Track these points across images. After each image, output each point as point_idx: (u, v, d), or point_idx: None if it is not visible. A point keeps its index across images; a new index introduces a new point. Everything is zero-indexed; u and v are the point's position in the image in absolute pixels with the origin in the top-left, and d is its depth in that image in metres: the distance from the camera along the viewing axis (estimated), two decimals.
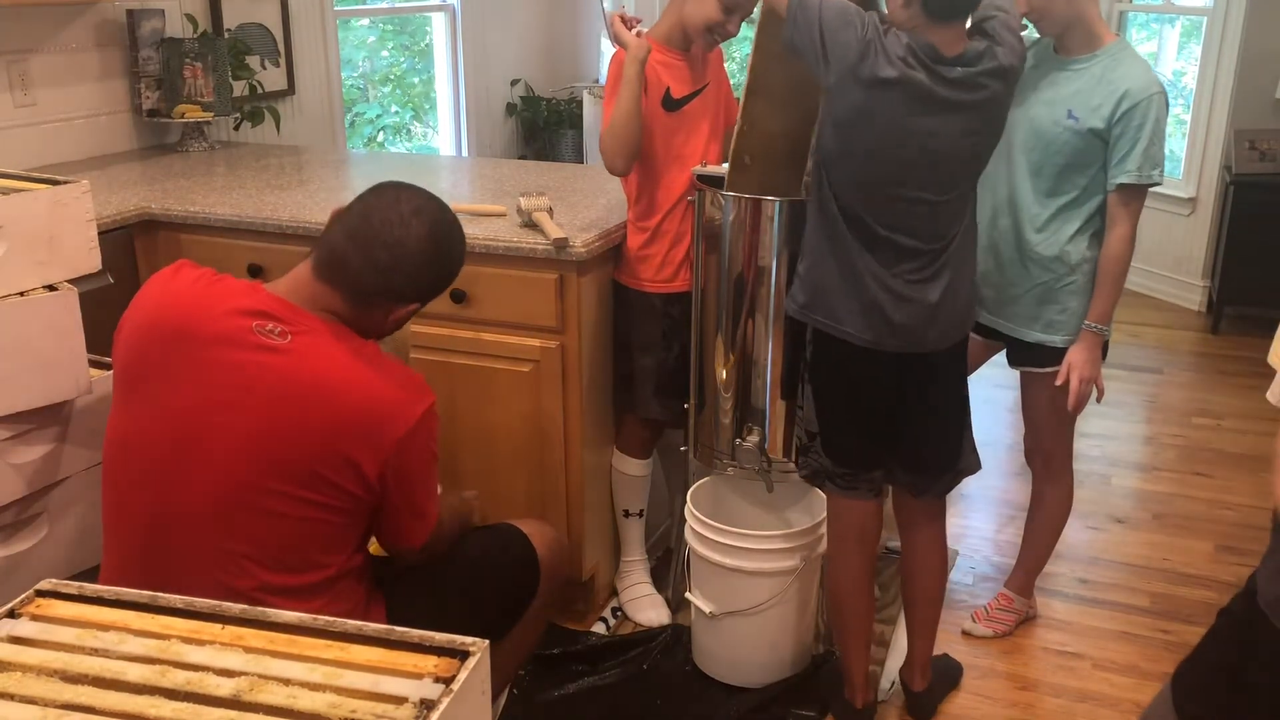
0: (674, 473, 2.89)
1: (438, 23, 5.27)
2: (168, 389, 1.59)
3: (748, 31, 2.61)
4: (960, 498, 3.39)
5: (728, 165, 2.35)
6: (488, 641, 1.06)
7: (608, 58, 2.49)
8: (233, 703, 1.00)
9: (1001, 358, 2.62)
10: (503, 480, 2.59)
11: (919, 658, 2.42)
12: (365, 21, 5.15)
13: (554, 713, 2.45)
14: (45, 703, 1.00)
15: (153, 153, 3.46)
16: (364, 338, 1.69)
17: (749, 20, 2.48)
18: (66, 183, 1.93)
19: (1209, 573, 3.06)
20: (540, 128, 5.79)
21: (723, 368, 2.45)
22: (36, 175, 2.01)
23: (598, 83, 5.80)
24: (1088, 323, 2.39)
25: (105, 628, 1.11)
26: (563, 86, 5.99)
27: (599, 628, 2.74)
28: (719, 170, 2.47)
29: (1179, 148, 5.44)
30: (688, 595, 2.56)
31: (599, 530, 2.74)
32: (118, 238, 2.65)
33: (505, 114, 5.70)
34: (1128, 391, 4.33)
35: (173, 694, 1.01)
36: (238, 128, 3.76)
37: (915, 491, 2.29)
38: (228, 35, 3.71)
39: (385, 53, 5.46)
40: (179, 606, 1.13)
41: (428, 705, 0.99)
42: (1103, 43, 2.35)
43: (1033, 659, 2.68)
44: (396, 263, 1.67)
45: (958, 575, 2.98)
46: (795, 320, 2.23)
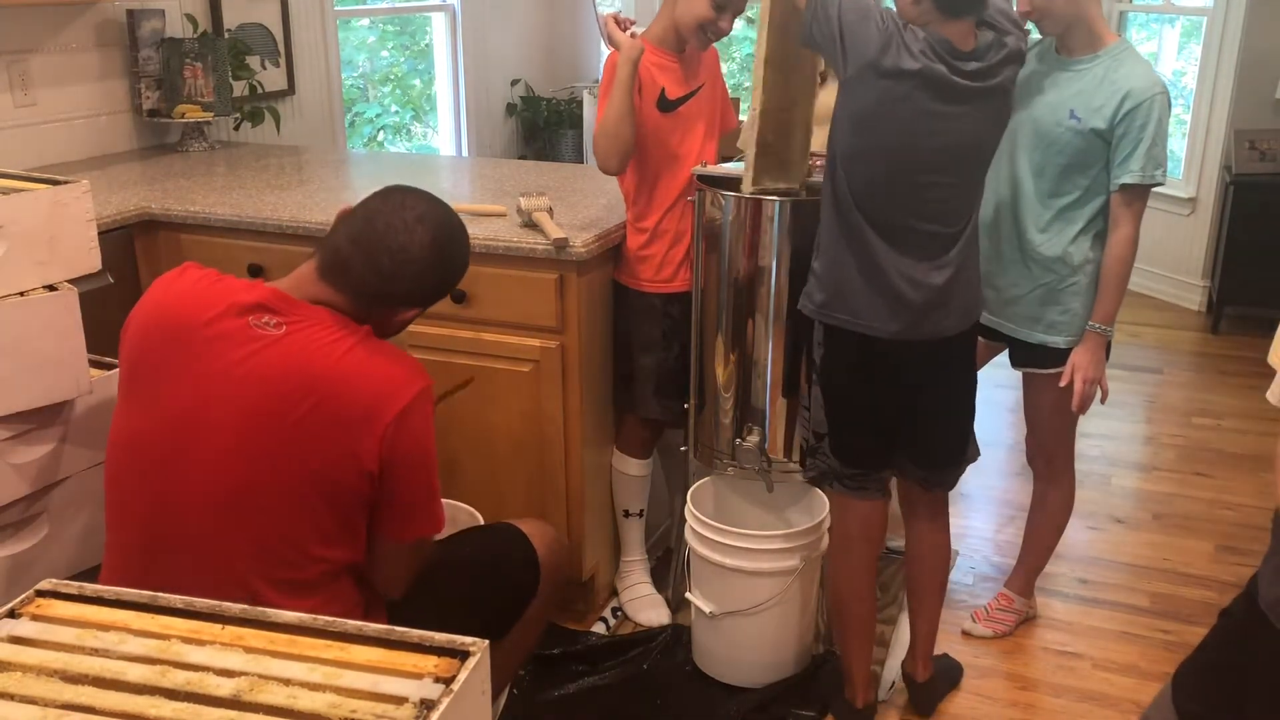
0: (674, 473, 2.89)
1: (438, 23, 5.27)
2: (167, 388, 1.59)
3: (749, 32, 2.61)
4: (960, 498, 3.38)
5: (750, 152, 2.27)
6: (488, 642, 1.06)
7: (606, 59, 2.49)
8: (233, 703, 1.00)
9: (1003, 358, 2.62)
10: (503, 480, 2.59)
11: (923, 647, 2.43)
12: (365, 21, 5.15)
13: (554, 713, 2.45)
14: (45, 703, 1.00)
15: (153, 153, 3.46)
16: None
17: (748, 19, 2.48)
18: (66, 183, 1.93)
19: (1209, 573, 3.06)
20: (540, 128, 5.79)
21: (723, 368, 2.45)
22: (36, 175, 2.01)
23: (597, 83, 5.79)
24: (1091, 323, 2.39)
25: (105, 628, 1.11)
26: (563, 86, 5.99)
27: (599, 628, 2.74)
28: (719, 170, 2.48)
29: (1179, 148, 5.44)
30: (688, 595, 2.56)
31: (599, 530, 2.74)
32: (118, 238, 2.65)
33: (505, 114, 5.70)
34: (1128, 391, 4.34)
35: (173, 694, 1.01)
36: (238, 128, 3.76)
37: (927, 485, 2.29)
38: (228, 35, 3.71)
39: (385, 53, 5.46)
40: (179, 607, 1.13)
41: (428, 705, 0.99)
42: (1105, 43, 2.35)
43: (1033, 659, 2.68)
44: (399, 269, 1.67)
45: (958, 575, 2.98)
46: (799, 322, 2.23)
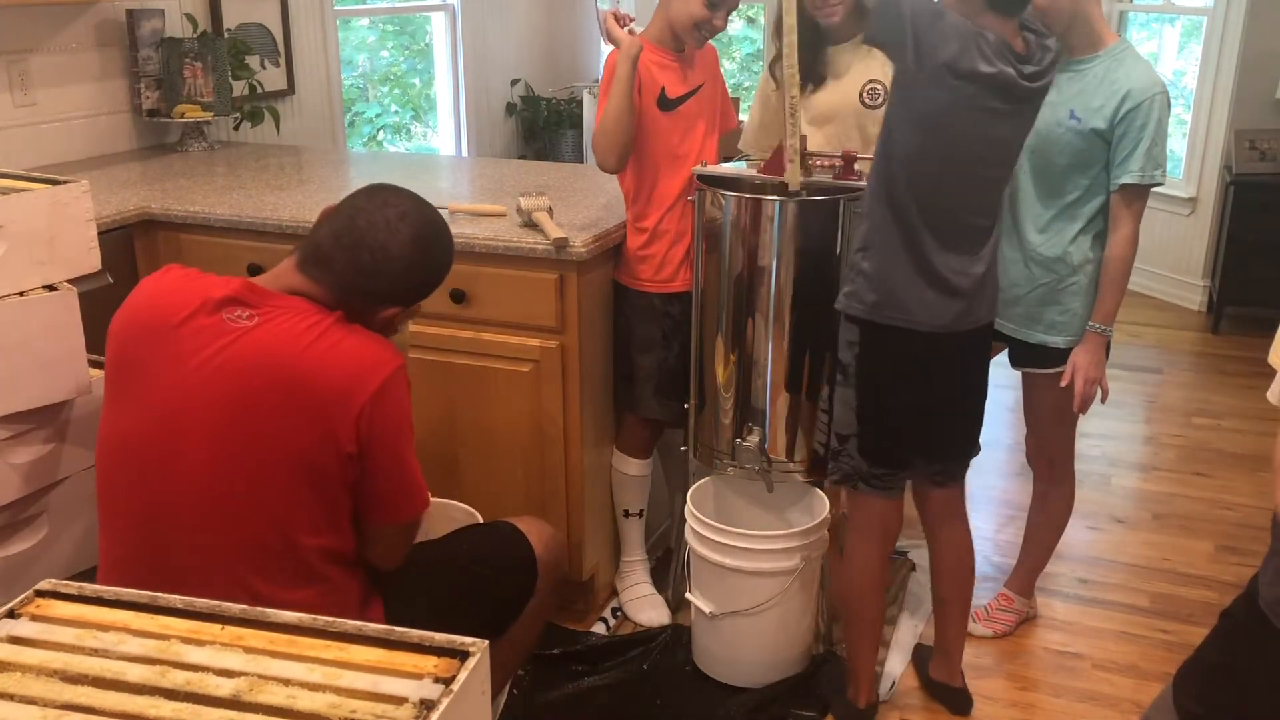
0: (674, 473, 2.89)
1: (438, 22, 5.26)
2: (148, 388, 1.60)
3: (749, 32, 2.60)
4: None
5: (794, 143, 2.22)
6: (487, 642, 1.06)
7: (606, 57, 2.49)
8: (233, 703, 1.00)
9: (1002, 358, 2.61)
10: (503, 480, 2.59)
11: (957, 653, 2.45)
12: (365, 21, 5.15)
13: (554, 713, 2.44)
14: (45, 703, 1.00)
15: (152, 153, 3.46)
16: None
17: (749, 18, 2.48)
18: (66, 183, 1.93)
19: (1209, 573, 3.06)
20: (540, 128, 5.79)
21: (723, 368, 2.45)
22: (36, 175, 2.01)
23: (597, 82, 5.79)
24: (1091, 323, 2.39)
25: (105, 628, 1.11)
26: (563, 86, 5.99)
27: (599, 628, 2.74)
28: (719, 170, 2.48)
29: (1179, 148, 5.43)
30: (688, 595, 2.56)
31: (599, 530, 2.74)
32: (117, 238, 2.65)
33: (505, 114, 5.70)
34: (1128, 391, 4.34)
35: (173, 694, 1.01)
36: (237, 128, 3.76)
37: (941, 480, 2.29)
38: (227, 35, 3.71)
39: (385, 52, 5.46)
40: (179, 607, 1.13)
41: (428, 705, 0.99)
42: (1105, 43, 2.35)
43: (1033, 659, 2.68)
44: (380, 266, 1.67)
45: None
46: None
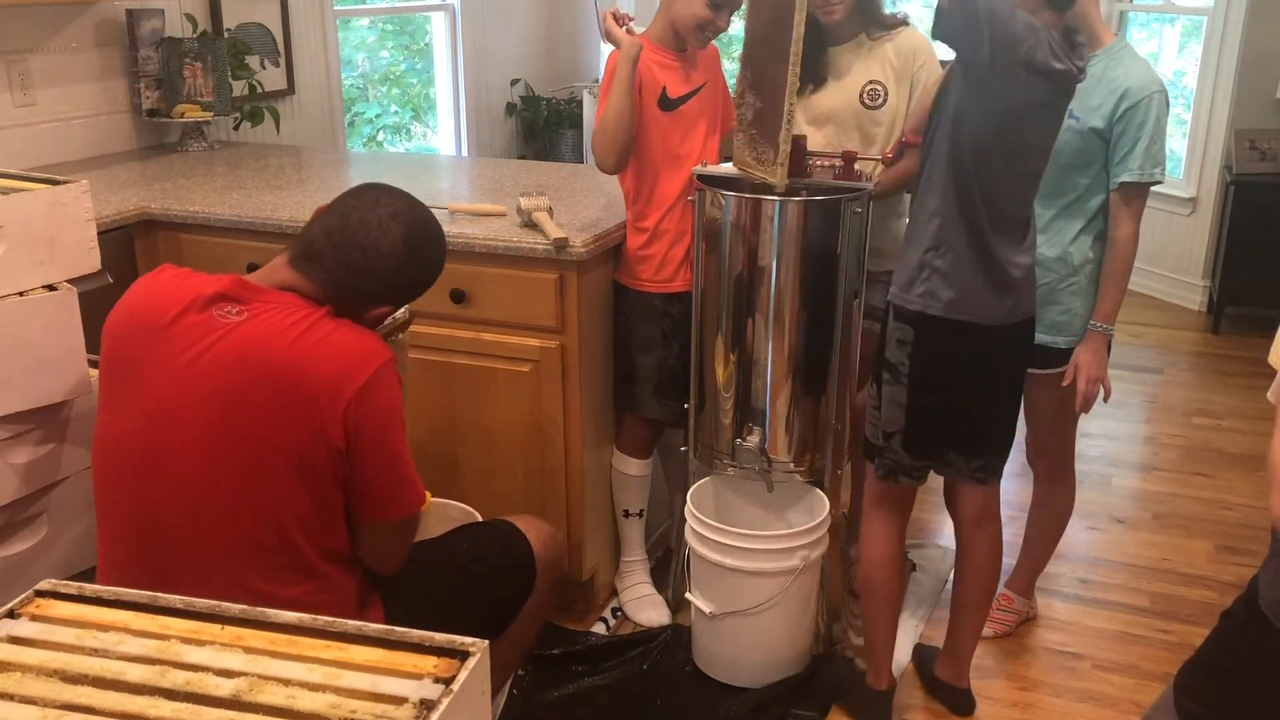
0: (674, 473, 2.89)
1: (438, 22, 5.26)
2: (140, 387, 1.60)
3: None
4: None
5: (784, 149, 2.22)
6: (487, 642, 1.06)
7: (607, 58, 2.49)
8: (232, 703, 1.00)
9: None
10: (502, 480, 2.59)
11: (968, 655, 2.46)
12: (365, 21, 5.15)
13: (554, 713, 2.44)
14: (45, 703, 1.00)
15: (152, 153, 3.46)
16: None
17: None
18: (66, 183, 1.93)
19: (1209, 573, 3.06)
20: (540, 128, 5.79)
21: (723, 368, 2.45)
22: (36, 175, 2.01)
23: (597, 82, 5.79)
24: (1093, 322, 2.39)
25: (105, 628, 1.11)
26: (563, 86, 5.98)
27: (599, 628, 2.74)
28: (719, 170, 2.47)
29: (1179, 148, 5.44)
30: (688, 595, 2.56)
31: (599, 530, 2.74)
32: (117, 238, 2.64)
33: (505, 114, 5.69)
34: (1128, 391, 4.34)
35: (172, 694, 1.01)
36: (237, 127, 3.76)
37: (982, 477, 2.30)
38: (227, 35, 3.71)
39: (385, 52, 5.46)
40: (178, 607, 1.13)
41: (428, 705, 0.98)
42: (1102, 43, 2.35)
43: (1033, 659, 2.68)
44: (370, 265, 1.68)
45: None
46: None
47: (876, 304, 2.44)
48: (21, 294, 1.84)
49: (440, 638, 1.07)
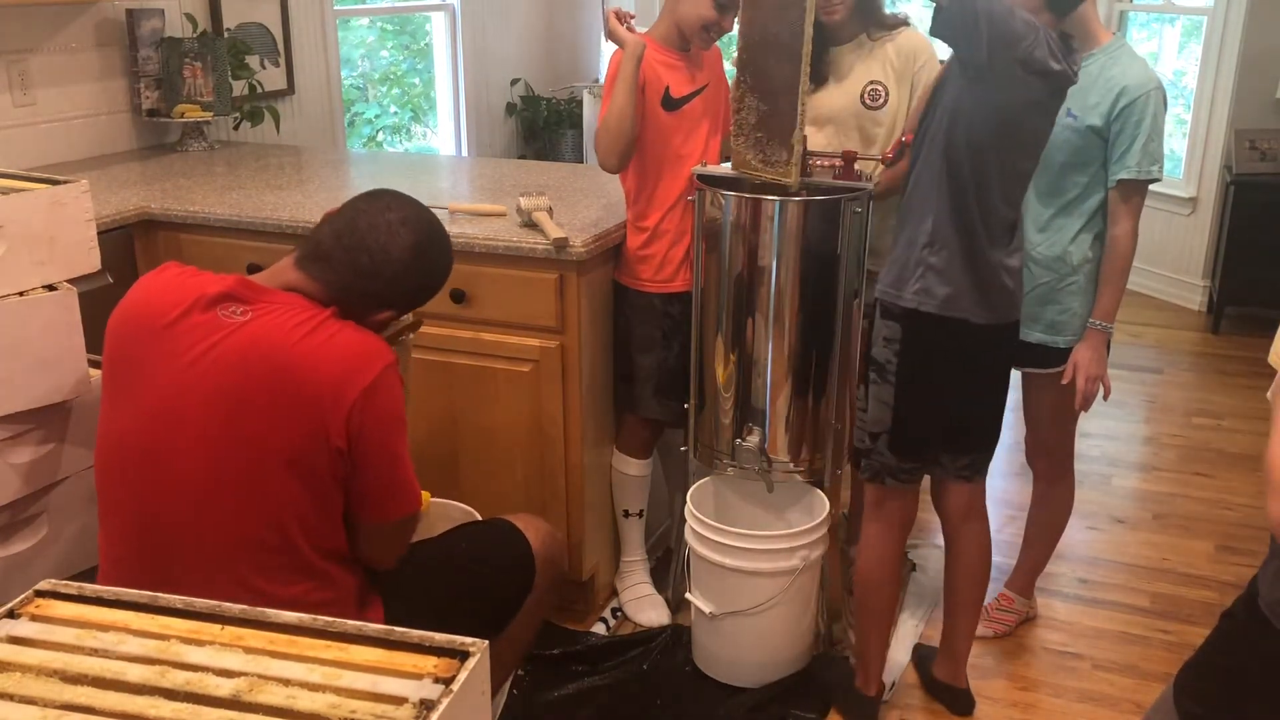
0: (674, 473, 2.89)
1: (438, 22, 5.26)
2: (143, 385, 1.60)
3: None
4: None
5: (798, 149, 2.22)
6: (487, 642, 1.06)
7: (608, 57, 2.49)
8: (232, 703, 1.00)
9: None
10: (502, 480, 2.59)
11: (964, 654, 2.46)
12: (365, 21, 5.15)
13: (554, 713, 2.44)
14: (45, 703, 1.00)
15: (152, 152, 3.46)
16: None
17: None
18: (66, 182, 1.93)
19: (1209, 573, 3.06)
20: (540, 128, 5.79)
21: (723, 368, 2.45)
22: (36, 175, 2.01)
23: (597, 82, 5.80)
24: (1092, 320, 2.39)
25: (105, 628, 1.10)
26: (563, 86, 5.98)
27: (599, 628, 2.74)
28: (719, 170, 2.47)
29: (1179, 148, 5.44)
30: (688, 595, 2.56)
31: (599, 530, 2.74)
32: (117, 238, 2.65)
33: (505, 114, 5.69)
34: (1128, 391, 4.34)
35: (172, 694, 1.01)
36: (237, 127, 3.76)
37: (967, 475, 2.30)
38: (227, 35, 3.71)
39: (385, 52, 5.45)
40: (178, 607, 1.13)
41: (428, 705, 0.98)
42: (1100, 42, 2.35)
43: (1033, 659, 2.68)
44: (377, 268, 1.68)
45: None
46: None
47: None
48: (21, 294, 1.84)
49: (440, 638, 1.07)
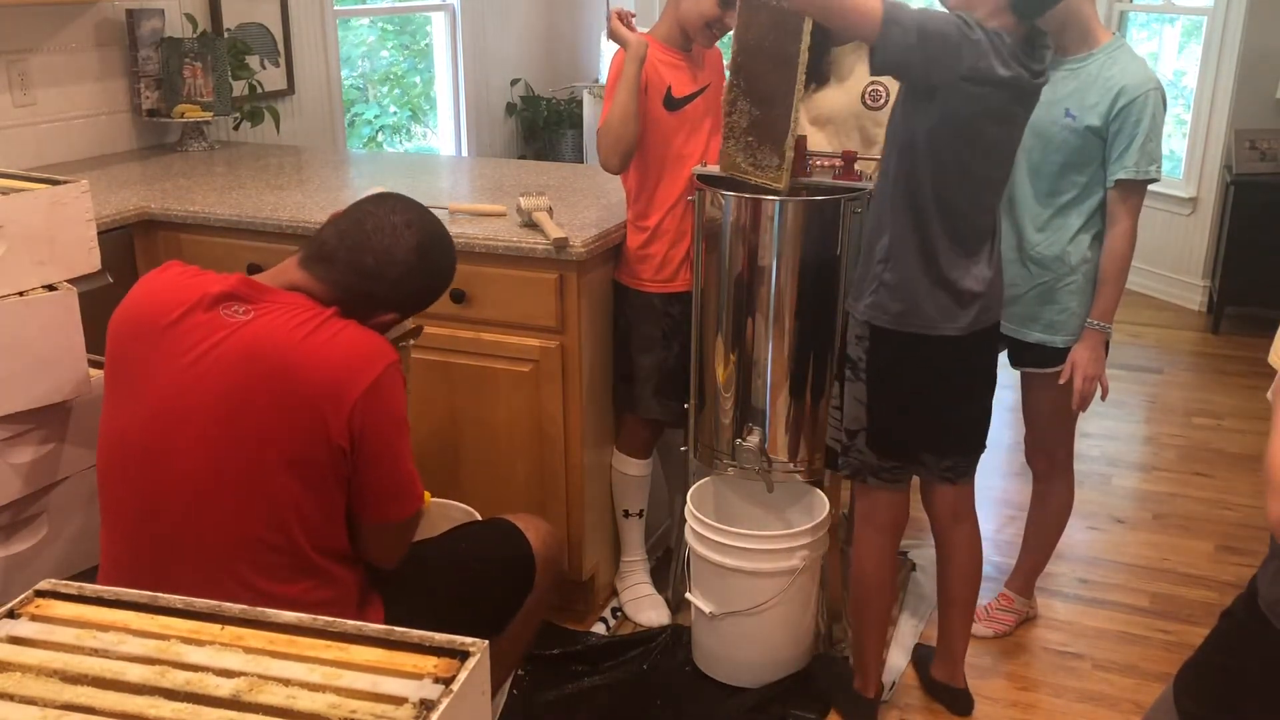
0: (674, 473, 2.89)
1: (438, 22, 5.26)
2: (145, 384, 1.60)
3: None
4: None
5: (789, 155, 2.22)
6: (487, 642, 1.06)
7: (608, 57, 2.49)
8: (232, 703, 1.00)
9: (1002, 358, 2.61)
10: (503, 480, 2.59)
11: (961, 654, 2.46)
12: (365, 21, 5.15)
13: (554, 713, 2.44)
14: (45, 703, 1.00)
15: (152, 152, 3.46)
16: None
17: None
18: (66, 183, 1.93)
19: (1209, 573, 3.06)
20: (540, 128, 5.79)
21: (723, 368, 2.45)
22: (36, 175, 2.01)
23: (598, 82, 5.80)
24: (1090, 320, 2.39)
25: (105, 628, 1.10)
26: (563, 86, 5.99)
27: (599, 628, 2.74)
28: (719, 170, 2.47)
29: (1179, 148, 5.43)
30: (688, 595, 2.56)
31: (599, 530, 2.74)
32: (117, 238, 2.65)
33: (505, 114, 5.70)
34: (1128, 391, 4.33)
35: (172, 694, 1.01)
36: (237, 127, 3.76)
37: (951, 477, 2.30)
38: (227, 35, 3.71)
39: (385, 53, 5.46)
40: (178, 607, 1.13)
41: (428, 705, 0.98)
42: (1099, 42, 2.35)
43: (1033, 659, 2.68)
44: (381, 270, 1.69)
45: None
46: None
47: None
48: (21, 294, 1.84)
49: (440, 638, 1.07)
